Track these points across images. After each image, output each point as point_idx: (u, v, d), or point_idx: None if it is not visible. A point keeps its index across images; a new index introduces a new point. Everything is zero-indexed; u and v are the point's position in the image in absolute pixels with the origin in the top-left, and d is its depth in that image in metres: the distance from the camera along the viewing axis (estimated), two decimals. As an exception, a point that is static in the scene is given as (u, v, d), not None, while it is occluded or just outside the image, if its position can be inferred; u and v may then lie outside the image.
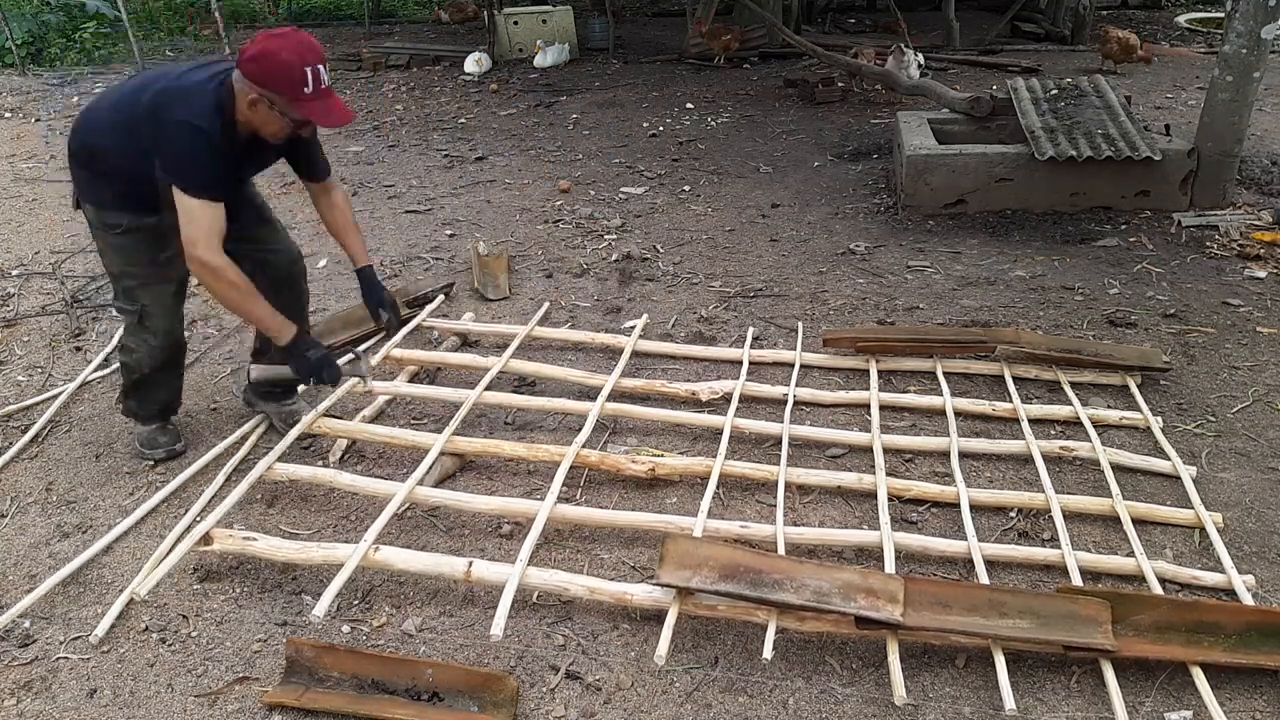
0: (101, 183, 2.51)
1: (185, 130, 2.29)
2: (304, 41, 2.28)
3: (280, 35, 2.28)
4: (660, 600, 2.13)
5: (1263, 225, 4.38)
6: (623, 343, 3.44)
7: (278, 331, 2.51)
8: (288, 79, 2.23)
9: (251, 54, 2.25)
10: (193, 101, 2.31)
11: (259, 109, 2.30)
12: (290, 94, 2.25)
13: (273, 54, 2.23)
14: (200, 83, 2.36)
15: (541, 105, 7.60)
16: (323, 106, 2.30)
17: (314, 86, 2.26)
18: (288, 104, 2.28)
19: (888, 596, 2.04)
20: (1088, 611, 2.03)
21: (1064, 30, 9.48)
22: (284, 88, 2.25)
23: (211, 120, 2.30)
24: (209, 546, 2.33)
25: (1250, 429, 2.90)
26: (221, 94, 2.33)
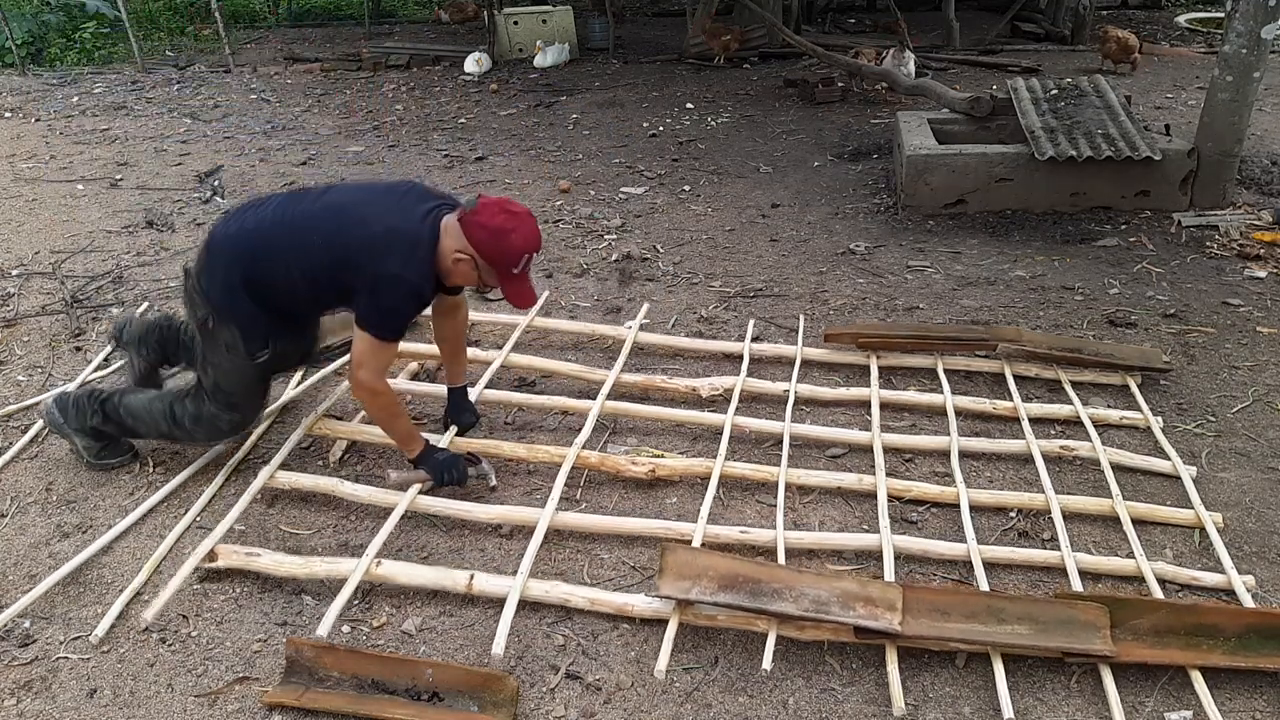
0: (263, 311, 2.49)
1: (400, 285, 2.34)
2: (535, 232, 2.40)
3: (516, 216, 2.36)
4: (660, 610, 2.13)
5: (1263, 225, 4.38)
6: (623, 334, 3.43)
7: (409, 447, 2.60)
8: (506, 259, 2.36)
9: (487, 225, 2.32)
10: (412, 254, 2.36)
11: (462, 266, 2.39)
12: (503, 270, 2.38)
13: (506, 234, 2.33)
14: (414, 232, 2.37)
15: (541, 105, 7.60)
16: (521, 290, 2.45)
17: (521, 269, 2.39)
18: (494, 275, 2.40)
19: (886, 605, 2.04)
20: (1086, 617, 2.03)
21: (1064, 30, 9.48)
22: (501, 263, 2.36)
23: (427, 279, 2.39)
24: (214, 563, 2.33)
25: (1250, 429, 2.90)
26: (432, 246, 2.38)
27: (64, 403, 2.76)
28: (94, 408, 2.73)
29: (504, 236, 2.32)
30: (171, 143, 6.74)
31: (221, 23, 9.85)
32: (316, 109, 7.74)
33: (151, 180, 5.82)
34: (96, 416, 2.73)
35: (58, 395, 2.81)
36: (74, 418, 2.74)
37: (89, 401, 2.74)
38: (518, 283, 2.42)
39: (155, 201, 5.37)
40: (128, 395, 2.76)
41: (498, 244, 2.32)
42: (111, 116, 7.62)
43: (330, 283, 2.42)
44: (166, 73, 9.47)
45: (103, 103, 8.15)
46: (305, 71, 9.34)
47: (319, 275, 2.41)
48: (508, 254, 2.34)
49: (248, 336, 2.51)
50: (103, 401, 2.74)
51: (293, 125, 7.18)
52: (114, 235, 4.86)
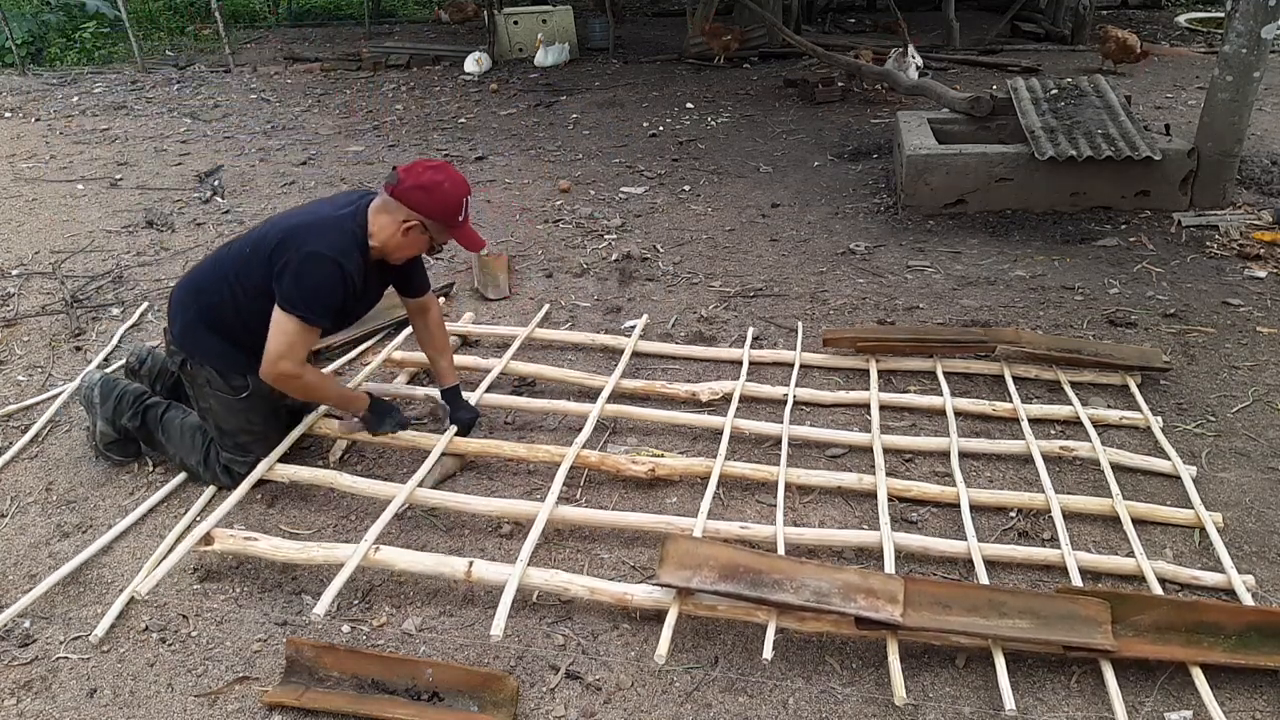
0: (228, 344, 2.56)
1: (321, 263, 2.39)
2: (461, 178, 2.51)
3: (438, 168, 2.47)
4: (660, 600, 2.13)
5: (1263, 225, 4.38)
6: (623, 343, 3.44)
7: (355, 404, 2.71)
8: (447, 210, 2.46)
9: (417, 184, 2.43)
10: (330, 235, 2.43)
11: (411, 234, 2.47)
12: (449, 222, 2.48)
13: (437, 185, 2.43)
14: (337, 217, 2.48)
15: (541, 105, 7.60)
16: (471, 234, 2.58)
17: (465, 216, 2.51)
18: (443, 231, 2.51)
19: (887, 597, 2.04)
20: (1087, 612, 2.03)
21: (1064, 30, 9.48)
22: (445, 216, 2.47)
23: (349, 254, 2.44)
24: (209, 546, 2.33)
25: (1250, 429, 2.90)
26: (359, 224, 2.48)
27: (108, 389, 2.79)
28: (135, 409, 2.76)
29: (438, 189, 2.43)
30: (171, 143, 6.75)
31: (221, 23, 9.85)
32: (316, 109, 7.74)
33: (151, 180, 5.82)
34: (135, 419, 2.76)
35: (104, 378, 2.83)
36: (110, 407, 2.76)
37: (133, 402, 2.76)
38: (465, 229, 2.53)
39: (155, 201, 5.37)
40: (172, 411, 2.76)
41: (436, 198, 2.43)
42: (111, 116, 7.63)
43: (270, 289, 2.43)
44: (166, 73, 9.47)
45: (103, 103, 8.15)
46: (305, 71, 9.35)
47: (258, 283, 2.45)
48: (448, 204, 2.44)
49: (224, 372, 2.58)
50: (146, 408, 2.76)
51: (293, 125, 7.18)
52: (114, 235, 4.86)
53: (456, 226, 2.50)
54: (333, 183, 5.67)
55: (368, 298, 2.67)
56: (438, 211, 2.45)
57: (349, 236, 2.44)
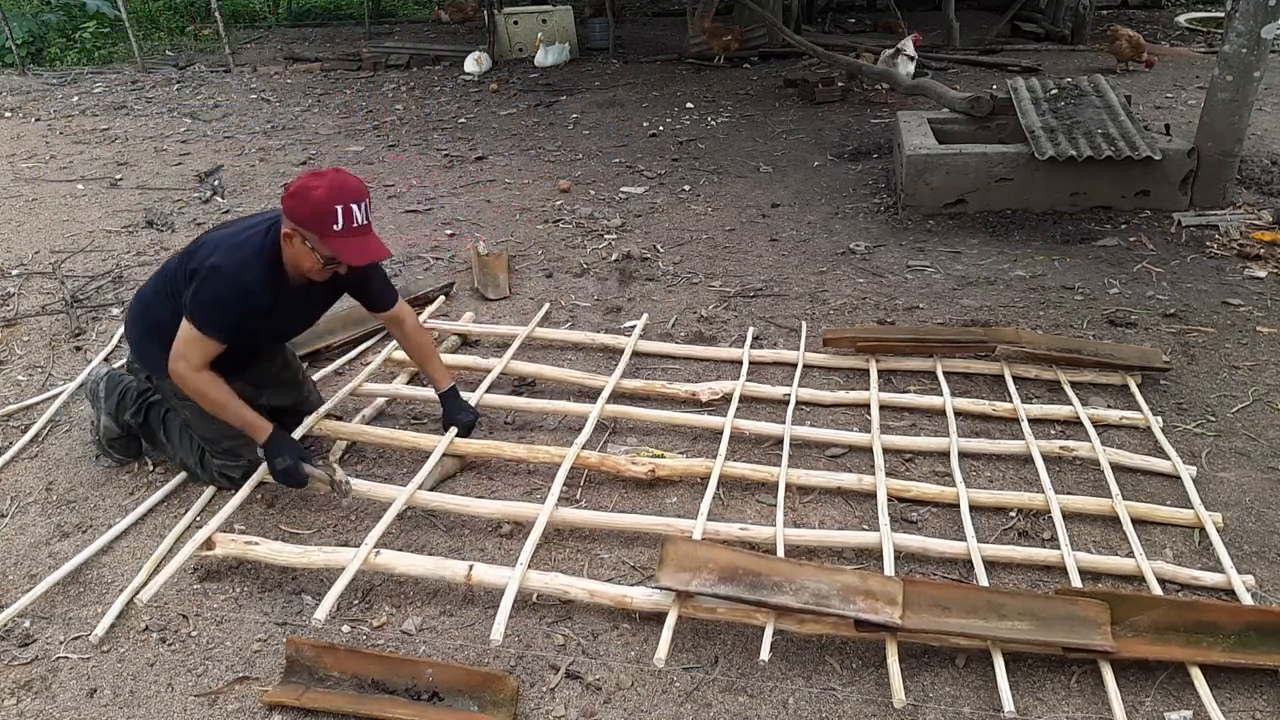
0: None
1: (219, 277, 2.34)
2: (342, 182, 2.31)
3: (319, 175, 2.32)
4: (660, 603, 2.13)
5: (1263, 225, 4.38)
6: (623, 343, 3.44)
7: (252, 434, 2.49)
8: (317, 216, 2.27)
9: (291, 190, 2.31)
10: (237, 249, 2.37)
11: (293, 243, 2.35)
12: (321, 230, 2.28)
13: (308, 190, 2.27)
14: (251, 233, 2.42)
15: (541, 105, 7.60)
16: (351, 244, 2.32)
17: (345, 224, 2.28)
18: (319, 241, 2.31)
19: (886, 599, 2.04)
20: (1087, 613, 2.03)
21: (1064, 30, 9.47)
22: (314, 223, 2.28)
23: (251, 267, 2.36)
24: (211, 551, 2.33)
25: (1250, 429, 2.90)
26: (271, 239, 2.39)
27: (113, 384, 2.79)
28: (139, 405, 2.76)
29: (307, 194, 2.26)
30: (171, 143, 6.75)
31: (221, 22, 9.84)
32: (316, 109, 7.74)
33: (151, 180, 5.82)
34: (138, 415, 2.76)
35: (110, 373, 2.84)
36: (114, 402, 2.76)
37: (137, 398, 2.76)
38: (349, 240, 2.30)
39: (155, 201, 5.37)
40: (173, 413, 2.74)
41: (303, 204, 2.26)
42: (111, 116, 7.63)
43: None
44: (166, 73, 9.47)
45: (103, 103, 8.15)
46: (305, 71, 9.35)
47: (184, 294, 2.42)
48: (319, 210, 2.25)
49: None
50: (150, 405, 2.76)
51: (293, 125, 7.18)
52: (114, 235, 4.86)
53: (332, 236, 2.27)
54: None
55: (290, 314, 2.59)
56: (307, 219, 2.27)
57: (257, 252, 2.37)
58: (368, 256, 2.37)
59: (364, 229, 2.33)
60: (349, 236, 2.30)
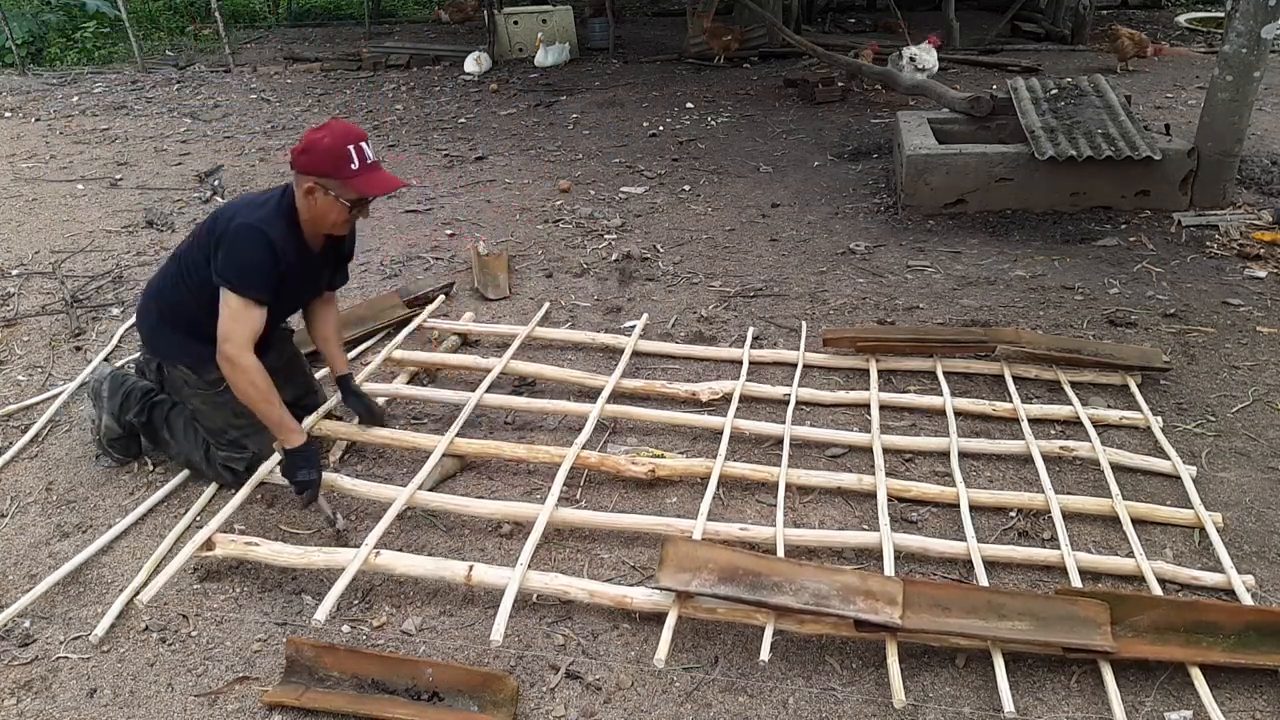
0: (193, 339, 2.55)
1: (247, 232, 2.39)
2: (344, 127, 2.41)
3: (321, 127, 2.41)
4: (660, 603, 2.13)
5: (1263, 225, 4.38)
6: (623, 343, 3.44)
7: (284, 438, 2.50)
8: (334, 160, 2.36)
9: (299, 149, 2.39)
10: (258, 209, 2.45)
11: (315, 198, 2.42)
12: (339, 174, 2.37)
13: (317, 142, 2.37)
14: (266, 194, 2.50)
15: (541, 105, 7.60)
16: (372, 179, 2.42)
17: (359, 162, 2.38)
18: (340, 185, 2.39)
19: (886, 599, 2.04)
20: (1087, 613, 2.03)
21: (1064, 30, 9.47)
22: (333, 169, 2.37)
23: (275, 225, 2.42)
24: (211, 552, 2.33)
25: (1250, 429, 2.90)
26: (286, 202, 2.46)
27: (116, 384, 2.80)
28: (142, 405, 2.76)
29: (317, 144, 2.36)
30: (171, 143, 6.75)
31: (221, 22, 9.84)
32: (316, 109, 7.74)
33: (151, 180, 5.82)
34: (141, 415, 2.76)
35: (114, 372, 2.84)
36: (116, 402, 2.77)
37: (141, 398, 2.77)
38: (366, 175, 2.40)
39: (155, 201, 5.37)
40: (178, 409, 2.75)
41: (317, 154, 2.36)
42: (111, 116, 7.63)
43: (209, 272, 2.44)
44: (166, 73, 9.47)
45: (103, 103, 8.15)
46: (305, 71, 9.35)
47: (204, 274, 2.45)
48: (332, 155, 2.35)
49: (195, 367, 2.58)
50: (153, 405, 2.77)
51: (293, 125, 7.18)
52: (114, 235, 4.86)
53: (352, 175, 2.38)
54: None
55: (303, 281, 2.62)
56: (325, 166, 2.36)
57: (274, 208, 2.44)
58: (391, 185, 2.48)
59: (376, 164, 2.44)
60: (367, 173, 2.40)
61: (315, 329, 2.85)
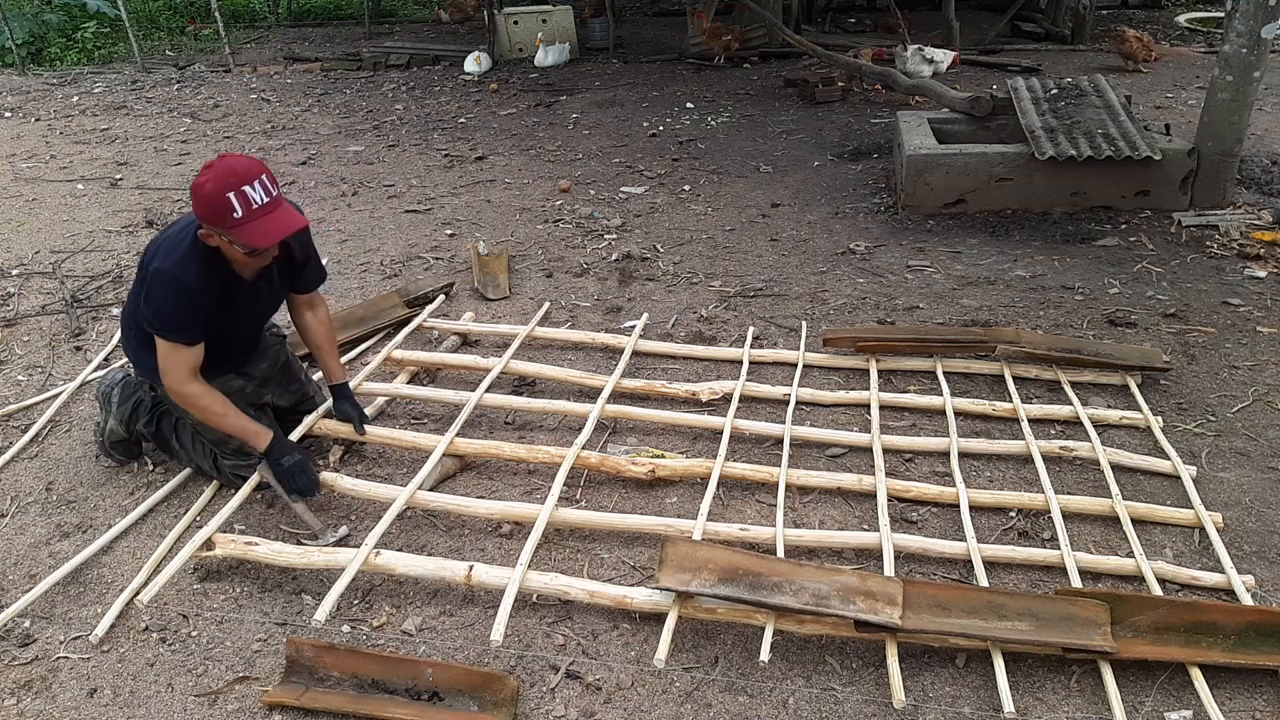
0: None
1: (161, 281, 2.30)
2: (226, 168, 2.20)
3: (208, 167, 2.23)
4: (660, 604, 2.13)
5: (1263, 225, 4.38)
6: (623, 343, 3.44)
7: (253, 441, 2.49)
8: (215, 209, 2.19)
9: (191, 190, 2.24)
10: (172, 249, 2.33)
11: (213, 241, 2.30)
12: (224, 223, 2.21)
13: (198, 188, 2.20)
14: (182, 229, 2.37)
15: (541, 105, 7.60)
16: (257, 227, 2.22)
17: (244, 209, 2.19)
18: (227, 232, 2.23)
19: (886, 599, 2.04)
20: (1087, 613, 2.03)
21: (1064, 30, 9.47)
22: (216, 220, 2.21)
23: (189, 268, 2.30)
24: (211, 552, 2.33)
25: (1250, 429, 2.90)
26: (200, 243, 2.32)
27: (128, 392, 2.78)
28: (151, 416, 2.76)
29: (198, 191, 2.19)
30: (171, 143, 6.75)
31: (221, 23, 9.84)
32: (316, 109, 7.74)
33: (151, 180, 5.82)
34: (150, 425, 2.76)
35: (126, 379, 2.82)
36: (126, 410, 2.76)
37: (150, 407, 2.76)
38: (254, 223, 2.20)
39: (155, 201, 5.37)
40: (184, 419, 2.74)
41: (200, 201, 2.20)
42: (111, 116, 7.63)
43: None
44: (166, 73, 9.47)
45: (103, 103, 8.15)
46: (305, 71, 9.35)
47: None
48: (214, 204, 2.17)
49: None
50: (162, 415, 2.76)
51: (293, 125, 7.18)
52: (114, 235, 4.86)
53: (235, 225, 2.19)
54: (333, 182, 5.67)
55: (252, 301, 2.54)
56: (208, 215, 2.21)
57: (189, 249, 2.31)
58: (277, 234, 2.27)
59: (267, 207, 2.23)
60: (253, 220, 2.21)
61: (307, 338, 2.78)
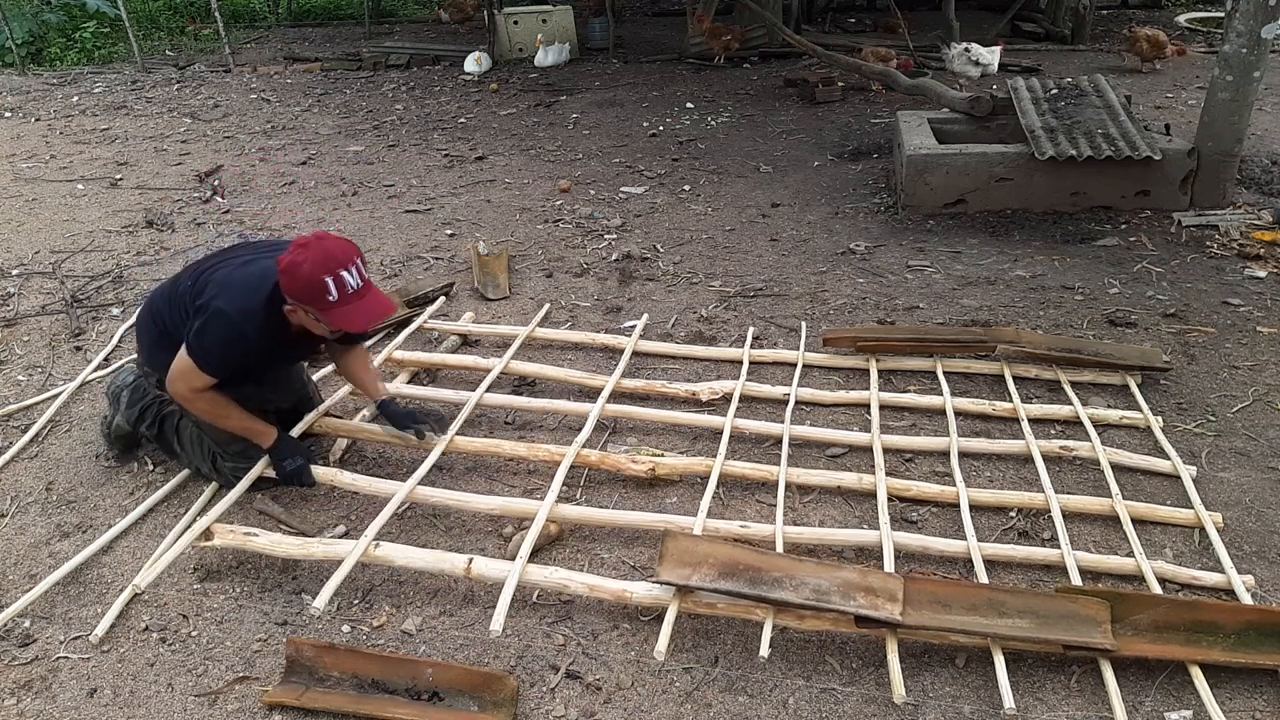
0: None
1: (223, 322, 2.30)
2: (327, 251, 2.24)
3: (304, 245, 2.26)
4: (660, 598, 2.13)
5: (1263, 225, 4.38)
6: (623, 343, 3.44)
7: (257, 438, 2.53)
8: (311, 292, 2.23)
9: (282, 266, 2.25)
10: (242, 294, 2.33)
11: (297, 315, 2.34)
12: (317, 305, 2.25)
13: (296, 267, 2.22)
14: (261, 274, 2.36)
15: (541, 105, 7.60)
16: (350, 311, 2.28)
17: (339, 293, 2.24)
18: (318, 313, 2.28)
19: (887, 595, 2.04)
20: (1087, 611, 2.03)
21: (1064, 30, 9.47)
22: (309, 300, 2.25)
23: (255, 318, 2.32)
24: (209, 541, 2.33)
25: (1250, 429, 2.90)
26: (275, 293, 2.33)
27: (136, 396, 2.79)
28: (154, 418, 2.77)
29: (295, 272, 2.22)
30: (171, 143, 6.75)
31: (221, 22, 9.84)
32: (316, 109, 7.74)
33: (151, 180, 5.82)
34: (153, 428, 2.77)
35: (137, 381, 2.82)
36: (134, 413, 2.78)
37: (154, 410, 2.77)
38: (347, 307, 2.26)
39: (155, 201, 5.37)
40: (186, 420, 2.74)
41: (294, 281, 2.23)
42: (111, 116, 7.62)
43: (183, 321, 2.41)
44: (166, 73, 9.47)
45: (103, 102, 8.15)
46: (305, 71, 9.34)
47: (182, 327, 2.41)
48: (310, 285, 2.22)
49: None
50: (164, 417, 2.77)
51: (293, 125, 7.18)
52: (114, 235, 4.86)
53: (328, 308, 2.24)
54: (333, 182, 5.67)
55: (292, 350, 2.59)
56: (302, 295, 2.24)
57: (264, 302, 2.32)
58: (370, 320, 2.34)
59: (360, 291, 2.28)
60: (346, 304, 2.26)
61: (345, 370, 2.78)
